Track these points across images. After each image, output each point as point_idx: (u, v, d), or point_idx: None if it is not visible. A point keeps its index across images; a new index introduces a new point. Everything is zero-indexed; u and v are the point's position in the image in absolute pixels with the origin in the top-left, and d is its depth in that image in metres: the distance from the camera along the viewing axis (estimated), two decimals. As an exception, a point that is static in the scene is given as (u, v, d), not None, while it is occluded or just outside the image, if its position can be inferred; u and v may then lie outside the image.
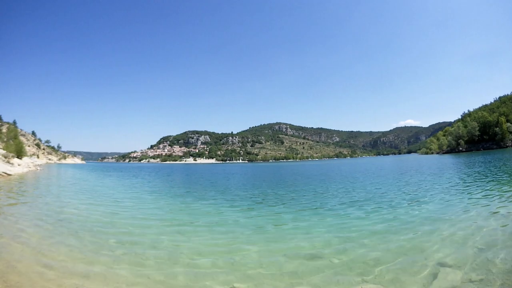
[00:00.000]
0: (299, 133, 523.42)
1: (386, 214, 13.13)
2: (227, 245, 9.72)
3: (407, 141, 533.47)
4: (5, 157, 51.32)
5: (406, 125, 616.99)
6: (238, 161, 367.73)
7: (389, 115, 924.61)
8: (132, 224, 12.82)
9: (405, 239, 9.41)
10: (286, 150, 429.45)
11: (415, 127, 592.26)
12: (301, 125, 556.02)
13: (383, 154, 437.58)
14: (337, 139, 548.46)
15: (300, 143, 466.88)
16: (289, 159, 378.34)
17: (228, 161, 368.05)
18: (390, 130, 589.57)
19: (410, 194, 18.57)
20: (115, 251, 9.18)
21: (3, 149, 60.37)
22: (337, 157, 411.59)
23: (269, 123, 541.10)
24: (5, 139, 77.04)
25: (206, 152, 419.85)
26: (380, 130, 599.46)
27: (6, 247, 9.53)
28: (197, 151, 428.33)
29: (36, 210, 16.20)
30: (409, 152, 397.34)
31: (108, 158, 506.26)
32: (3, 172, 36.34)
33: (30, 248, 9.49)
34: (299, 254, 8.53)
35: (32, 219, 13.89)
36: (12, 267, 7.70)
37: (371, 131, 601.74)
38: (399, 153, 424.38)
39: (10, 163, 49.76)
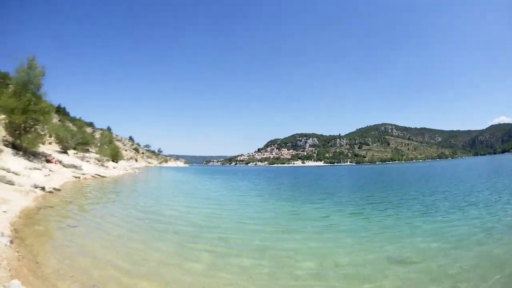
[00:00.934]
0: (403, 133, 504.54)
1: (489, 222, 12.36)
2: (331, 248, 9.52)
3: (501, 139, 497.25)
4: (99, 161, 53.58)
5: (500, 123, 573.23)
6: (346, 163, 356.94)
7: (483, 112, 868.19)
8: (233, 228, 12.52)
9: (504, 249, 8.82)
10: (392, 151, 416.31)
11: (508, 124, 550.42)
12: (405, 126, 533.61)
13: (480, 154, 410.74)
14: (439, 139, 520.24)
15: (405, 144, 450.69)
16: (395, 160, 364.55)
17: (336, 164, 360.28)
18: (486, 128, 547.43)
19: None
20: (210, 253, 9.02)
21: (97, 153, 62.83)
22: (439, 158, 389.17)
23: (375, 124, 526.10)
24: (98, 144, 79.04)
25: (314, 155, 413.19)
26: (476, 129, 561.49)
27: (90, 244, 9.57)
28: (305, 153, 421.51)
29: (124, 210, 16.21)
30: (503, 151, 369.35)
31: (213, 161, 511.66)
32: (96, 174, 37.64)
33: (116, 246, 9.51)
34: (401, 259, 8.35)
35: (119, 218, 13.94)
36: (96, 263, 7.80)
37: (469, 130, 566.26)
38: (494, 153, 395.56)
39: (104, 166, 52.11)
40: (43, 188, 17.74)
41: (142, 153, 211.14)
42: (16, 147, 29.08)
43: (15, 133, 30.04)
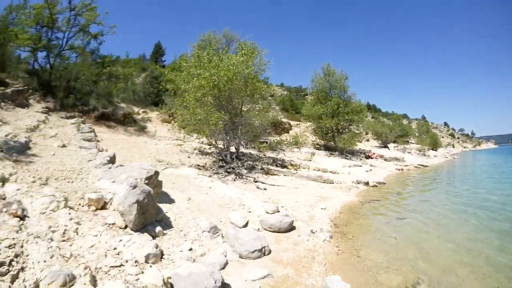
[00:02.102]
0: None
1: None
2: None
3: None
4: (420, 151, 53.33)
5: None
6: None
7: None
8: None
9: None
10: None
11: None
12: None
13: None
14: None
15: None
16: None
17: None
18: None
19: None
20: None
21: (416, 144, 64.01)
22: None
23: None
24: (416, 134, 77.66)
25: None
26: None
27: (418, 235, 8.97)
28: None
29: (447, 199, 14.99)
30: None
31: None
32: (418, 165, 36.01)
33: (444, 236, 8.76)
34: None
35: (444, 207, 12.93)
36: (424, 255, 7.34)
37: None
38: None
39: (426, 155, 51.27)
40: (366, 183, 17.65)
41: (458, 137, 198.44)
42: (329, 149, 30.82)
43: (326, 136, 32.14)
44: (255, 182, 13.76)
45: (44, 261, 4.73)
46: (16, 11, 20.08)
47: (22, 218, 5.68)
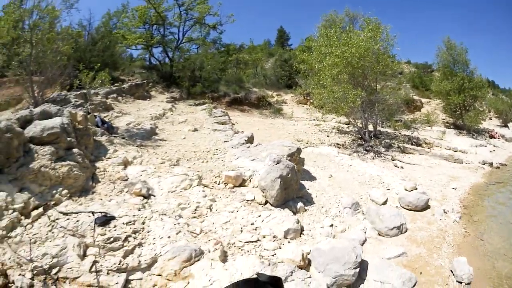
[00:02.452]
0: None
1: None
2: None
3: None
4: None
5: None
6: None
7: None
8: None
9: None
10: None
11: None
12: None
13: None
14: None
15: None
16: None
17: None
18: None
19: None
20: None
21: None
22: None
23: None
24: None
25: None
26: None
27: None
28: None
29: None
30: None
31: None
32: None
33: None
34: None
35: None
36: None
37: None
38: None
39: None
40: (490, 164, 17.11)
41: None
42: (458, 127, 29.46)
43: (454, 114, 30.32)
44: (393, 160, 14.18)
45: (168, 237, 5.08)
46: (117, 17, 21.75)
47: (147, 197, 6.25)
